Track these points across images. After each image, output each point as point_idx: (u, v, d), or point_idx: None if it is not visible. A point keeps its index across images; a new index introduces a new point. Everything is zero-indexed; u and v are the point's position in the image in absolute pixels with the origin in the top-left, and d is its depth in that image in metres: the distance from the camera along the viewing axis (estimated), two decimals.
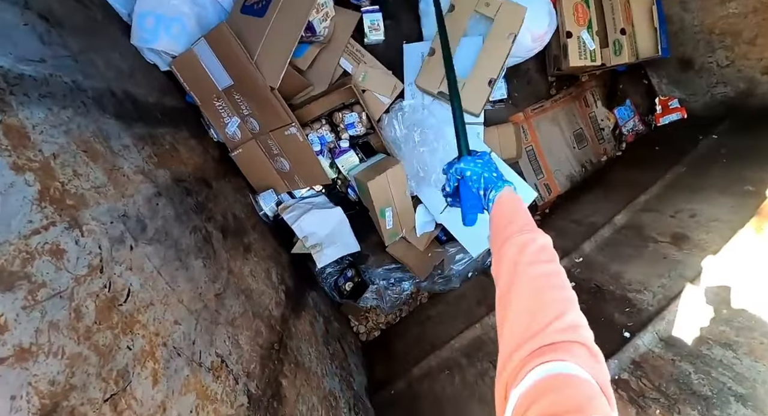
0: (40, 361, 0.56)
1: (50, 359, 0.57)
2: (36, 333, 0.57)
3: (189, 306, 0.90)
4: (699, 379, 1.12)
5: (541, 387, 0.47)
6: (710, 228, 1.50)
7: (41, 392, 0.53)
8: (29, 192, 0.70)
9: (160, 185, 1.09)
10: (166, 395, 0.71)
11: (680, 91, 2.26)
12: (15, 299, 0.57)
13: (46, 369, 0.56)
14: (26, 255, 0.63)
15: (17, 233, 0.63)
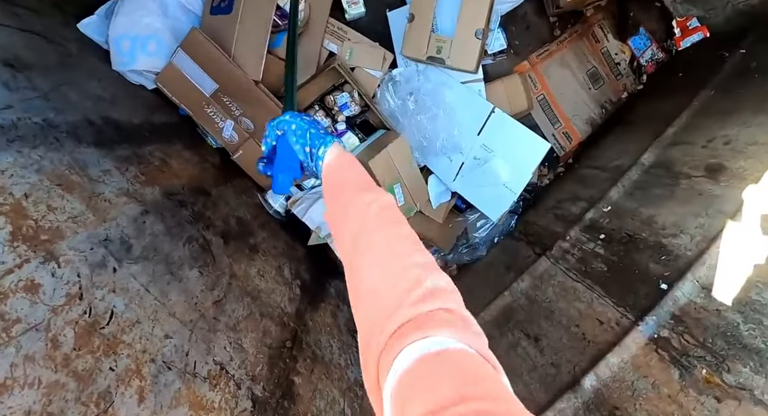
0: (15, 393, 0.56)
1: (26, 390, 0.57)
2: (11, 367, 0.58)
3: (182, 318, 0.90)
4: (749, 330, 0.99)
5: (414, 375, 0.38)
6: (748, 154, 1.33)
7: None
8: (1, 234, 0.71)
9: (148, 203, 1.09)
10: (154, 411, 0.71)
11: (697, 8, 2.03)
12: None
13: (21, 401, 0.56)
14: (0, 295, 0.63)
15: None
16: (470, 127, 1.75)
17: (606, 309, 1.25)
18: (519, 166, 1.72)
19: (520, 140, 1.71)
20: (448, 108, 1.70)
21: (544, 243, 1.64)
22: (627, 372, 1.09)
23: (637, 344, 1.11)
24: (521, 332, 1.40)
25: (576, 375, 1.14)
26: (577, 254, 1.50)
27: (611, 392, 1.08)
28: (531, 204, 2.01)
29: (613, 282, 1.31)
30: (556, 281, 1.47)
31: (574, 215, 1.65)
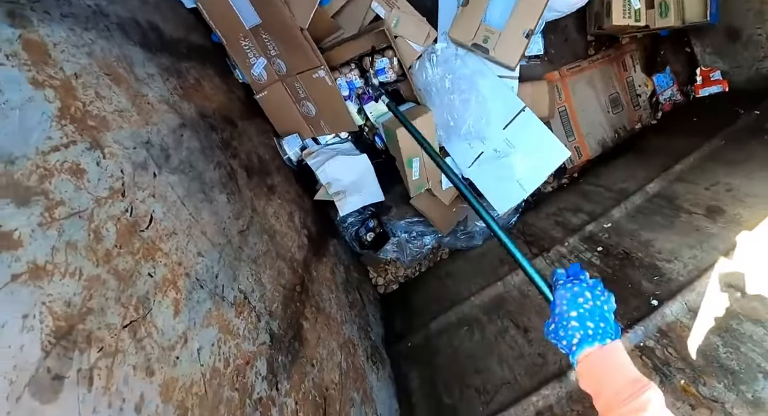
0: (56, 281, 0.53)
1: (66, 279, 0.54)
2: (52, 251, 0.54)
3: (213, 240, 0.88)
4: (727, 353, 1.09)
5: None
6: (747, 204, 1.43)
7: (56, 313, 0.50)
8: (48, 108, 0.66)
9: (186, 117, 1.05)
10: (188, 326, 0.69)
11: (724, 62, 2.14)
12: (30, 214, 0.54)
13: (61, 290, 0.53)
14: (44, 171, 0.59)
15: (35, 148, 0.60)
16: (498, 120, 1.77)
17: None
18: (536, 167, 1.76)
19: (542, 142, 1.75)
20: (481, 96, 1.71)
21: (542, 245, 1.69)
22: None
23: (625, 345, 1.17)
24: (510, 321, 1.45)
25: (563, 368, 1.20)
26: (573, 260, 1.55)
27: None
28: (532, 207, 2.06)
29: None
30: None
31: (575, 225, 1.71)
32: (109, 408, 0.51)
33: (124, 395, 0.53)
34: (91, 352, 0.52)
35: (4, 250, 0.48)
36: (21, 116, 0.60)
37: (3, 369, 0.42)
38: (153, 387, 0.57)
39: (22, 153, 0.57)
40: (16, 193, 0.53)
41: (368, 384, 1.28)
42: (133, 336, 0.59)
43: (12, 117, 0.58)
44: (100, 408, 0.50)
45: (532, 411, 1.18)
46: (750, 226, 1.31)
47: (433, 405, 1.38)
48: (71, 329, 0.51)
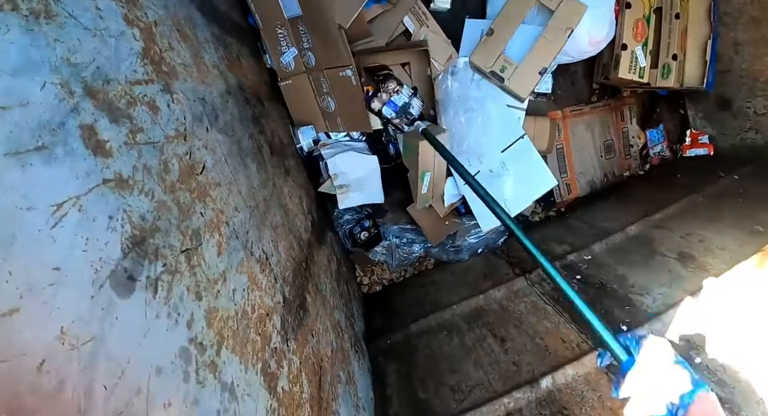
0: (134, 195, 0.58)
1: (142, 197, 0.59)
2: (133, 169, 0.60)
3: (246, 200, 0.93)
4: None
5: None
6: (716, 254, 1.57)
7: (133, 222, 0.56)
8: (135, 46, 0.72)
9: (230, 85, 1.11)
10: (227, 267, 0.74)
11: (713, 128, 2.33)
12: (119, 132, 0.60)
13: (138, 204, 0.58)
14: (130, 98, 0.65)
15: (125, 77, 0.66)
16: (497, 143, 1.88)
17: (570, 332, 1.41)
18: (523, 191, 1.87)
19: (534, 170, 1.87)
20: (487, 117, 1.82)
21: (524, 267, 1.79)
22: (579, 383, 1.24)
23: (593, 364, 1.27)
24: (489, 331, 1.53)
25: (535, 376, 1.28)
26: (553, 284, 1.65)
27: (563, 395, 1.23)
28: None
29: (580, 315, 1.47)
30: (529, 300, 1.61)
31: (557, 253, 1.81)
32: (167, 317, 0.56)
33: (179, 310, 0.58)
34: (157, 265, 0.57)
35: (99, 155, 0.53)
36: (116, 45, 0.66)
37: (91, 258, 0.47)
38: (200, 311, 0.62)
39: (115, 77, 0.63)
40: (110, 109, 0.59)
41: (351, 368, 1.33)
42: (188, 262, 0.64)
43: (110, 44, 0.64)
44: (162, 315, 0.55)
45: (503, 411, 1.25)
46: (716, 274, 1.43)
47: (407, 399, 1.43)
48: (143, 240, 0.56)
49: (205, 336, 0.61)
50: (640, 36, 1.99)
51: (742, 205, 1.81)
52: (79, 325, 0.42)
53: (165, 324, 0.55)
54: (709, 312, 1.33)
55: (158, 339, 0.53)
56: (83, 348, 0.41)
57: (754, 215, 1.67)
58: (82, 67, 0.57)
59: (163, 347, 0.53)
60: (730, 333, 1.25)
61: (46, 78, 0.49)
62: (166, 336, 0.54)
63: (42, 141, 0.45)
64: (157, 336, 0.53)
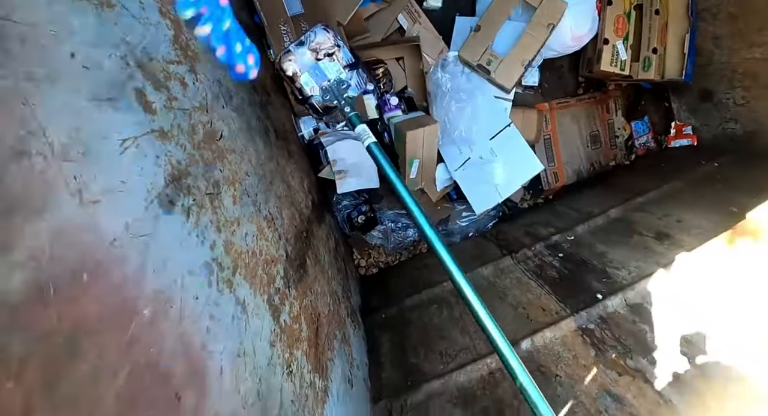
0: (172, 145, 0.73)
1: (178, 148, 0.74)
2: (170, 126, 0.75)
3: (254, 168, 1.08)
4: (651, 338, 1.33)
5: None
6: (691, 233, 1.69)
7: (172, 164, 0.70)
8: (168, 34, 0.88)
9: None
10: (241, 215, 0.89)
11: (696, 119, 2.45)
12: (160, 97, 0.75)
13: (175, 152, 0.73)
14: (166, 74, 0.80)
15: (163, 56, 0.81)
16: (486, 130, 2.02)
17: (550, 302, 1.54)
18: (513, 176, 2.01)
19: (521, 156, 2.01)
20: (476, 107, 1.97)
21: (511, 248, 1.92)
22: (556, 344, 1.38)
23: (569, 328, 1.40)
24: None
25: (516, 339, 1.41)
26: (537, 262, 1.79)
27: (540, 355, 1.36)
28: (508, 218, 2.31)
29: (560, 287, 1.60)
30: (514, 276, 1.75)
31: (543, 235, 1.95)
32: (196, 237, 0.70)
33: (204, 235, 0.73)
34: (189, 198, 0.72)
35: (148, 112, 0.69)
36: (155, 32, 0.82)
37: (145, 181, 0.62)
38: (220, 240, 0.77)
39: (156, 56, 0.78)
40: (154, 79, 0.74)
41: (347, 332, 1.47)
42: (212, 202, 0.79)
43: (151, 30, 0.80)
44: (192, 234, 0.69)
45: (486, 370, 1.38)
46: (689, 249, 1.55)
47: (399, 363, 1.57)
48: (180, 178, 0.71)
49: (223, 260, 0.76)
50: (621, 31, 2.13)
51: (720, 189, 1.93)
52: (138, 222, 0.57)
53: (194, 241, 0.69)
54: (679, 281, 1.46)
55: (189, 250, 0.67)
56: (141, 239, 0.56)
57: (730, 198, 1.78)
58: (134, 45, 0.72)
59: (193, 257, 0.68)
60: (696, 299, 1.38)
61: (112, 51, 0.65)
62: (195, 250, 0.69)
63: (111, 94, 0.61)
64: (189, 248, 0.67)
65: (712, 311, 1.34)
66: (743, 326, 1.27)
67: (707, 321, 1.32)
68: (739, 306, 1.32)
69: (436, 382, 1.40)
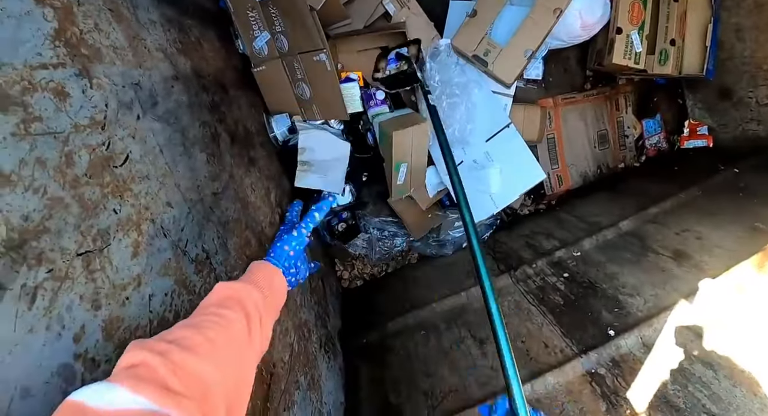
0: (18, 193, 0.50)
1: (29, 194, 0.52)
2: (20, 163, 0.52)
3: (185, 194, 0.85)
4: (675, 390, 1.13)
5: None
6: (713, 253, 1.48)
7: (11, 223, 0.48)
8: (45, 26, 0.64)
9: (180, 71, 1.03)
10: (144, 270, 0.67)
11: (712, 118, 2.23)
12: (6, 122, 0.52)
13: (22, 203, 0.50)
14: (27, 84, 0.57)
15: (23, 60, 0.58)
16: (482, 131, 1.79)
17: (553, 336, 1.33)
18: (510, 184, 1.78)
19: (521, 161, 1.78)
20: (471, 104, 1.73)
21: (510, 263, 1.71)
22: (560, 393, 1.17)
23: (575, 373, 1.20)
24: (468, 331, 1.45)
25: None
26: (539, 282, 1.57)
27: (542, 406, 1.16)
28: (506, 226, 2.09)
29: (565, 316, 1.39)
30: (512, 299, 1.54)
31: (545, 249, 1.73)
32: (47, 330, 0.48)
33: (65, 322, 0.51)
34: (39, 271, 0.49)
35: None
36: (16, 26, 0.58)
37: None
38: (97, 321, 0.55)
39: (9, 61, 0.55)
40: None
41: (318, 372, 1.26)
42: (87, 266, 0.56)
43: (7, 25, 0.56)
44: (39, 328, 0.47)
45: None
46: (713, 274, 1.35)
47: (378, 403, 1.37)
48: (24, 243, 0.49)
49: (100, 351, 0.54)
50: (636, 19, 1.89)
51: (742, 199, 1.73)
52: None
53: (42, 338, 0.47)
54: (705, 317, 1.25)
55: (29, 354, 0.45)
56: None
57: (754, 211, 1.59)
58: None
59: (37, 363, 0.46)
60: (726, 342, 1.17)
61: None
62: (42, 352, 0.47)
63: None
64: (29, 353, 0.45)
65: (745, 357, 1.13)
66: None
67: (741, 370, 1.11)
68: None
69: None
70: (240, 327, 0.62)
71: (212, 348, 0.52)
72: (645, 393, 1.12)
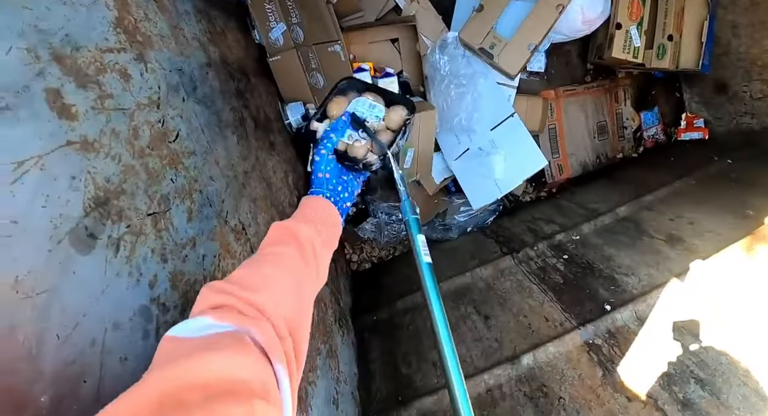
0: (100, 158, 0.58)
1: (108, 160, 0.60)
2: (100, 133, 0.60)
3: (223, 171, 0.94)
4: (666, 358, 1.22)
5: None
6: (704, 237, 1.57)
7: (97, 183, 0.56)
8: (108, 15, 0.72)
9: (211, 59, 1.11)
10: (197, 233, 0.75)
11: (708, 112, 2.31)
12: (86, 97, 0.60)
13: (104, 167, 0.58)
14: (99, 65, 0.65)
15: (95, 44, 0.66)
16: (487, 120, 1.87)
17: (554, 311, 1.42)
18: (514, 170, 1.87)
19: (524, 149, 1.86)
20: (477, 94, 1.81)
21: (512, 246, 1.80)
22: (560, 361, 1.26)
23: (574, 343, 1.29)
24: (473, 308, 1.54)
25: (516, 353, 1.30)
26: (540, 263, 1.66)
27: (543, 373, 1.25)
28: (508, 212, 2.18)
29: (565, 293, 1.48)
30: (515, 278, 1.62)
31: (546, 233, 1.82)
32: (129, 276, 0.57)
33: (141, 270, 0.59)
34: (120, 225, 0.57)
35: (64, 118, 0.54)
36: (87, 14, 0.66)
37: (51, 214, 0.48)
38: (165, 272, 0.63)
39: (85, 44, 0.63)
40: (78, 75, 0.59)
41: (334, 343, 1.35)
42: (155, 225, 0.64)
43: (81, 12, 0.64)
44: (122, 273, 0.56)
45: (483, 387, 1.27)
46: (704, 256, 1.44)
47: (389, 374, 1.46)
48: (107, 201, 0.57)
49: (169, 298, 0.62)
50: (635, 15, 1.97)
51: (734, 189, 1.81)
52: (34, 276, 0.43)
53: (125, 282, 0.55)
54: (695, 294, 1.34)
55: (117, 295, 0.54)
56: (38, 297, 0.42)
57: (745, 199, 1.67)
58: (50, 33, 0.57)
59: (123, 303, 0.54)
60: (714, 316, 1.26)
61: (12, 43, 0.49)
62: (126, 294, 0.55)
63: (5, 102, 0.46)
64: (117, 293, 0.53)
65: (731, 329, 1.22)
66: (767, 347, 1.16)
67: (726, 340, 1.20)
68: (763, 324, 1.20)
69: (429, 399, 1.30)
70: (293, 260, 0.66)
71: (265, 282, 0.59)
72: (638, 361, 1.21)
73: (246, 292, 0.55)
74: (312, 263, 0.69)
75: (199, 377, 0.38)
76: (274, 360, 0.47)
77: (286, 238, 0.69)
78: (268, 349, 0.48)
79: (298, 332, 0.57)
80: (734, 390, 1.10)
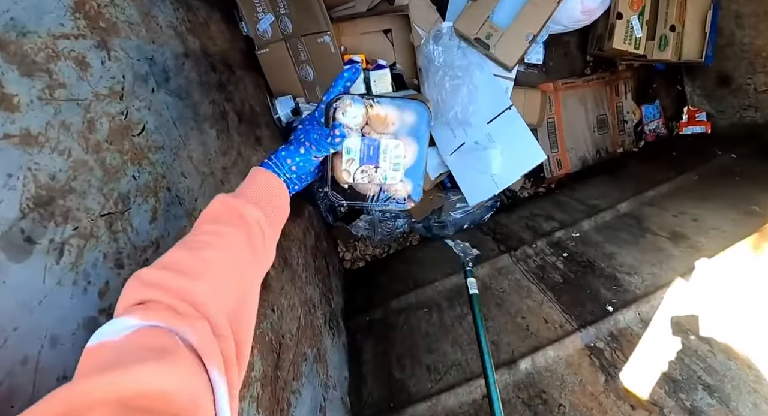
0: (45, 153, 0.53)
1: (55, 155, 0.54)
2: (46, 125, 0.54)
3: (197, 167, 0.88)
4: (671, 363, 1.16)
5: None
6: (709, 234, 1.51)
7: (39, 181, 0.50)
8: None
9: (189, 49, 1.05)
10: (161, 234, 0.69)
11: (711, 105, 2.25)
12: (32, 86, 0.54)
13: (49, 163, 0.53)
14: (51, 52, 0.59)
15: (47, 29, 0.60)
16: (484, 113, 1.80)
17: (553, 312, 1.36)
18: (512, 165, 1.80)
19: (522, 143, 1.79)
20: (473, 86, 1.74)
21: (510, 244, 1.74)
22: (560, 365, 1.20)
23: (574, 346, 1.23)
24: (470, 309, 1.48)
25: (514, 357, 1.24)
26: (539, 261, 1.61)
27: (542, 378, 1.19)
28: (506, 209, 2.11)
29: (565, 293, 1.43)
30: (513, 277, 1.57)
31: (545, 230, 1.76)
32: (74, 285, 0.51)
33: (90, 278, 0.53)
34: (65, 228, 0.52)
35: (2, 109, 0.48)
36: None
37: None
38: (120, 279, 0.58)
39: (35, 29, 0.57)
40: (22, 62, 0.53)
41: (323, 346, 1.29)
42: (109, 226, 0.59)
43: None
44: (65, 282, 0.50)
45: (479, 393, 1.22)
46: (709, 254, 1.38)
47: (382, 378, 1.40)
48: (51, 201, 0.51)
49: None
50: (637, 5, 1.90)
51: (739, 184, 1.76)
52: None
53: (68, 291, 0.50)
54: (701, 294, 1.28)
55: (58, 306, 0.48)
56: None
57: (750, 195, 1.62)
58: None
59: (64, 315, 0.48)
60: (721, 318, 1.21)
61: None
62: (69, 304, 0.49)
63: None
64: (57, 304, 0.48)
65: (740, 332, 1.16)
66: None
67: (735, 344, 1.14)
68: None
69: (422, 405, 1.24)
70: (239, 243, 0.57)
71: (205, 268, 0.50)
72: (642, 366, 1.15)
73: (181, 281, 0.47)
74: (260, 249, 0.60)
75: (111, 391, 0.32)
76: (209, 365, 0.41)
77: (231, 218, 0.59)
78: (203, 353, 0.42)
79: (241, 328, 0.50)
80: (744, 397, 1.04)
